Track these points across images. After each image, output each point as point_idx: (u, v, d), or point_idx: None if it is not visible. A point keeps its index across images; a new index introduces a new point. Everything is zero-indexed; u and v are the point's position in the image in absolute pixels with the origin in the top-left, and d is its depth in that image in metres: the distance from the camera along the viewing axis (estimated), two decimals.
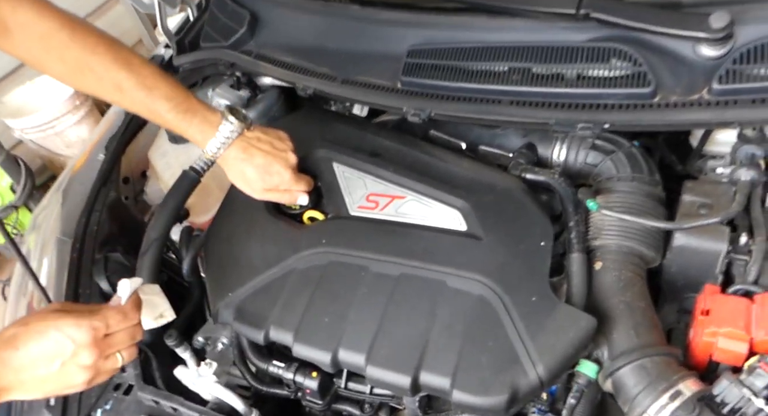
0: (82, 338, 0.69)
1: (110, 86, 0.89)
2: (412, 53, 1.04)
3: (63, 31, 0.85)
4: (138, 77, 0.89)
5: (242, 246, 1.02)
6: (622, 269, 0.80)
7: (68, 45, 0.86)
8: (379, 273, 0.88)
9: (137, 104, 0.91)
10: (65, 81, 0.92)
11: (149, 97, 0.90)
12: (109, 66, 0.88)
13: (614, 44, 0.87)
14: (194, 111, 0.93)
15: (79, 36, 0.87)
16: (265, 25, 1.31)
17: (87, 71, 0.88)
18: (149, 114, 0.93)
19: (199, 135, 0.94)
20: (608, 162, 0.91)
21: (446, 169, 0.97)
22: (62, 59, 0.87)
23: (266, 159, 0.95)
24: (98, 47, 0.88)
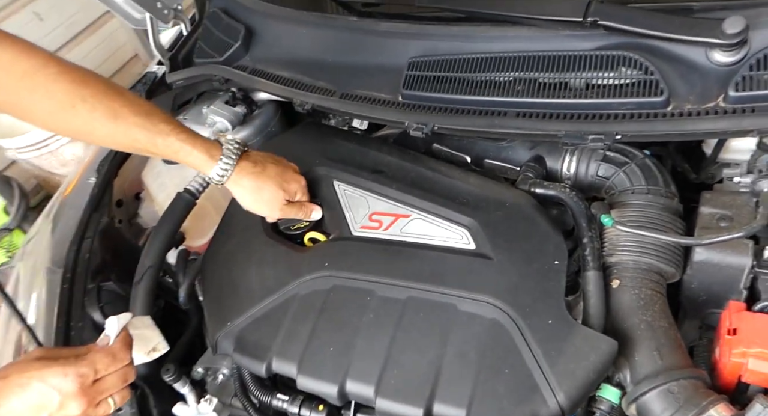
0: (68, 387, 0.65)
1: (105, 116, 0.83)
2: (413, 65, 1.01)
3: (49, 67, 0.79)
4: (133, 104, 0.84)
5: (241, 272, 0.97)
6: (641, 286, 0.76)
7: (56, 79, 0.79)
8: (386, 297, 0.84)
9: (135, 130, 0.85)
10: (51, 121, 0.84)
11: (149, 121, 0.85)
12: (103, 95, 0.82)
13: (623, 52, 0.83)
14: (194, 137, 0.89)
15: (66, 70, 0.80)
16: (260, 40, 1.27)
17: (78, 103, 0.81)
18: (148, 141, 0.86)
19: (202, 160, 0.89)
20: (621, 175, 0.87)
21: (452, 185, 0.93)
22: (50, 95, 0.80)
23: (278, 168, 0.94)
24: (88, 79, 0.82)
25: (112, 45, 4.04)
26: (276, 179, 0.92)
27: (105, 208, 1.19)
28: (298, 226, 0.99)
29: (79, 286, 1.06)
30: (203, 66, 1.29)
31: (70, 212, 1.17)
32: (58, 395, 0.64)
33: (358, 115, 1.03)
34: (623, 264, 0.79)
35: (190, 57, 1.38)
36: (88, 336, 1.03)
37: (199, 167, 0.89)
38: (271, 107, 1.35)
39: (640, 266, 0.78)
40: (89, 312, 1.05)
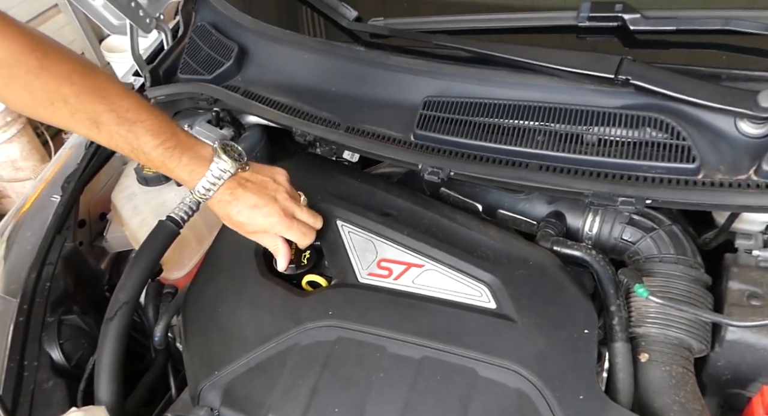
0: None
1: (85, 121, 0.76)
2: (429, 105, 0.96)
3: (31, 57, 0.71)
4: (119, 110, 0.76)
5: (231, 314, 0.89)
6: (671, 363, 0.73)
7: (38, 73, 0.71)
8: (398, 355, 0.78)
9: (117, 140, 0.78)
10: (28, 113, 0.77)
11: (131, 133, 0.77)
12: (85, 98, 0.75)
13: (652, 113, 0.82)
14: (183, 148, 0.81)
15: (50, 62, 0.72)
16: (255, 60, 1.20)
17: (59, 103, 0.74)
18: (131, 151, 0.80)
19: (187, 175, 0.82)
20: (648, 240, 0.85)
21: (469, 236, 0.88)
22: (29, 89, 0.72)
23: (253, 200, 0.84)
24: (73, 75, 0.74)
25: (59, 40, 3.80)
26: (242, 213, 0.84)
27: (69, 230, 1.06)
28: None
29: (37, 319, 0.94)
30: (190, 83, 1.20)
31: (28, 234, 1.04)
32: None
33: (368, 152, 0.97)
34: (652, 337, 0.77)
35: (171, 71, 1.28)
36: (45, 376, 0.91)
37: (184, 182, 0.83)
38: (258, 131, 1.27)
39: (671, 341, 0.76)
40: (47, 349, 0.92)
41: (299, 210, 0.88)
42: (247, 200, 0.84)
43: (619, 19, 0.89)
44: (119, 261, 1.23)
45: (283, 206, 0.85)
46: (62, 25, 3.78)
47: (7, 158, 2.82)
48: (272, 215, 0.84)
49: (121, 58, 3.53)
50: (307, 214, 0.89)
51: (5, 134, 2.77)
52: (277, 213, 0.84)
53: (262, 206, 0.84)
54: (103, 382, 0.84)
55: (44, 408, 0.85)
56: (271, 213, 0.84)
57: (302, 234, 0.87)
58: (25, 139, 2.90)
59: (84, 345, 0.96)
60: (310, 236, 0.88)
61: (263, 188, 0.85)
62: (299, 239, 0.87)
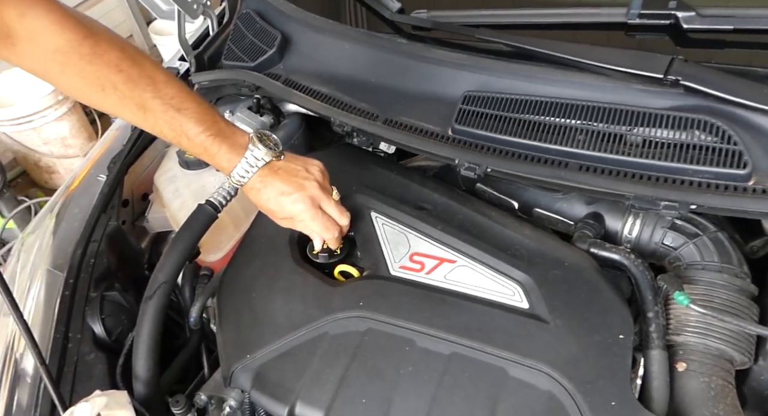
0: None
1: (132, 107, 0.79)
2: (468, 99, 0.95)
3: (84, 45, 0.74)
4: (165, 97, 0.79)
5: (264, 299, 0.90)
6: (711, 375, 0.71)
7: (91, 60, 0.75)
8: (427, 350, 0.78)
9: (161, 126, 0.81)
10: (81, 98, 0.81)
11: (176, 120, 0.80)
12: (133, 84, 0.78)
13: (702, 116, 0.80)
14: (224, 135, 0.83)
15: (102, 49, 0.76)
16: (296, 49, 1.21)
17: (109, 89, 0.77)
18: (174, 138, 0.82)
19: (225, 162, 0.84)
20: (691, 247, 0.82)
21: (504, 234, 0.87)
22: (82, 75, 0.76)
23: (282, 187, 0.85)
24: (123, 62, 0.77)
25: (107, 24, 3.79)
26: (272, 200, 0.86)
27: (114, 210, 1.10)
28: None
29: (82, 293, 0.97)
30: (233, 70, 1.22)
31: (75, 211, 1.08)
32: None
33: (405, 145, 0.97)
34: (691, 347, 0.74)
35: (216, 57, 1.30)
36: (87, 349, 0.94)
37: (222, 168, 0.85)
38: (297, 119, 1.28)
39: (711, 352, 0.73)
40: (90, 324, 0.96)
41: (327, 202, 0.88)
42: (277, 187, 0.85)
43: (672, 16, 0.86)
44: (159, 241, 1.27)
45: (311, 195, 0.86)
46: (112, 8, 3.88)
47: (58, 135, 2.92)
48: (299, 202, 0.85)
49: (168, 41, 3.60)
50: (334, 207, 0.88)
51: (56, 112, 2.87)
52: (303, 201, 0.85)
53: (290, 193, 0.85)
54: (140, 358, 0.88)
55: (86, 379, 0.89)
56: (298, 200, 0.85)
57: (325, 227, 0.87)
58: (75, 117, 3.00)
59: (124, 321, 0.99)
60: (332, 231, 0.88)
61: (294, 176, 0.86)
62: (322, 231, 0.87)
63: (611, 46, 0.93)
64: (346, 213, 0.90)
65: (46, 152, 2.97)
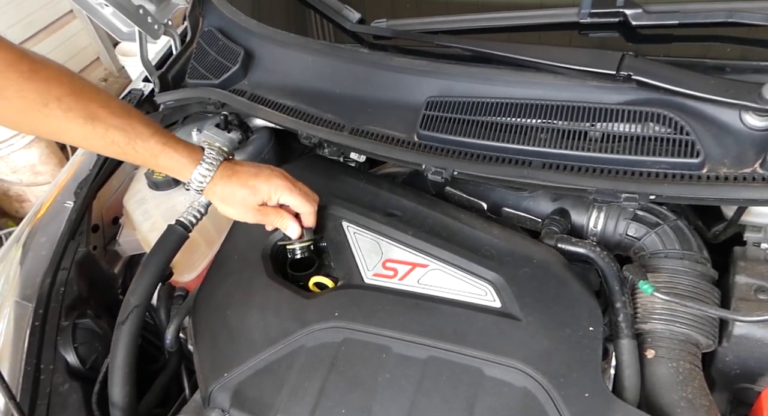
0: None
1: (79, 119, 0.75)
2: (431, 105, 0.97)
3: (22, 63, 0.71)
4: (111, 105, 0.78)
5: (239, 316, 0.90)
6: (678, 359, 0.73)
7: (30, 76, 0.72)
8: (404, 356, 0.78)
9: (113, 134, 0.78)
10: (23, 121, 0.76)
11: (128, 124, 0.78)
12: (79, 95, 0.75)
13: (655, 109, 0.82)
14: (176, 141, 0.83)
15: (39, 66, 0.73)
16: (260, 64, 1.21)
17: (53, 103, 0.73)
18: (127, 143, 0.79)
19: (182, 166, 0.83)
20: (653, 236, 0.84)
21: (473, 235, 0.88)
22: (22, 94, 0.72)
23: (253, 170, 0.87)
24: (62, 77, 0.75)
25: (73, 47, 3.87)
26: (246, 185, 0.86)
27: (83, 235, 1.09)
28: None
29: (52, 323, 0.96)
30: (197, 88, 1.22)
31: (43, 240, 1.06)
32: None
33: (372, 153, 0.98)
34: (658, 333, 0.76)
35: (180, 76, 1.30)
36: (60, 380, 0.93)
37: (179, 171, 0.84)
38: (265, 134, 1.28)
39: (677, 337, 0.75)
40: (63, 353, 0.95)
41: (296, 181, 0.91)
42: (247, 172, 0.86)
43: (621, 14, 0.88)
44: (132, 265, 1.26)
45: (282, 172, 0.88)
46: (78, 31, 3.85)
47: (27, 163, 2.88)
48: (273, 178, 0.87)
49: (136, 62, 3.57)
50: (304, 185, 0.92)
51: (24, 139, 2.83)
52: (278, 176, 0.88)
53: (263, 173, 0.87)
54: (116, 385, 0.86)
55: (60, 410, 0.88)
56: (272, 176, 0.87)
57: (306, 194, 0.90)
58: (44, 144, 2.95)
59: (98, 348, 0.98)
60: (312, 201, 0.91)
61: (258, 167, 0.89)
62: (303, 202, 0.89)
63: (566, 45, 0.96)
64: (313, 193, 0.93)
65: (15, 180, 2.92)
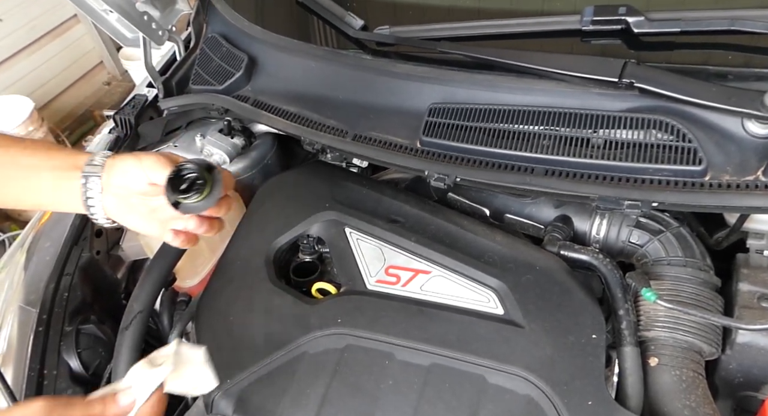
0: None
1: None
2: (433, 111, 0.97)
3: None
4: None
5: (241, 322, 0.90)
6: (682, 367, 0.73)
7: None
8: (407, 362, 0.78)
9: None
10: None
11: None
12: None
13: (657, 116, 0.82)
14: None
15: None
16: (263, 70, 1.22)
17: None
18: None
19: (74, 158, 0.74)
20: (655, 243, 0.84)
21: (476, 242, 0.88)
22: None
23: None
24: None
25: (77, 51, 3.90)
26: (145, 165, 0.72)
27: (86, 241, 1.09)
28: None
29: (56, 328, 0.96)
30: (201, 93, 1.23)
31: (47, 245, 1.07)
32: None
33: (375, 159, 0.98)
34: (661, 341, 0.76)
35: (184, 82, 1.31)
36: (64, 385, 0.93)
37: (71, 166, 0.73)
38: (269, 140, 1.29)
39: (680, 345, 0.75)
40: (66, 359, 0.95)
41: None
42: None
43: (623, 22, 0.88)
44: (135, 270, 1.26)
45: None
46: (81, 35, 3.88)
47: None
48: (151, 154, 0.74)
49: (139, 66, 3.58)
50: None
51: None
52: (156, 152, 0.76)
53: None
54: None
55: None
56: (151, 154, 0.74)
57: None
58: None
59: (101, 354, 0.98)
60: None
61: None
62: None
63: (568, 53, 0.96)
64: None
65: None
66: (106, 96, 4.08)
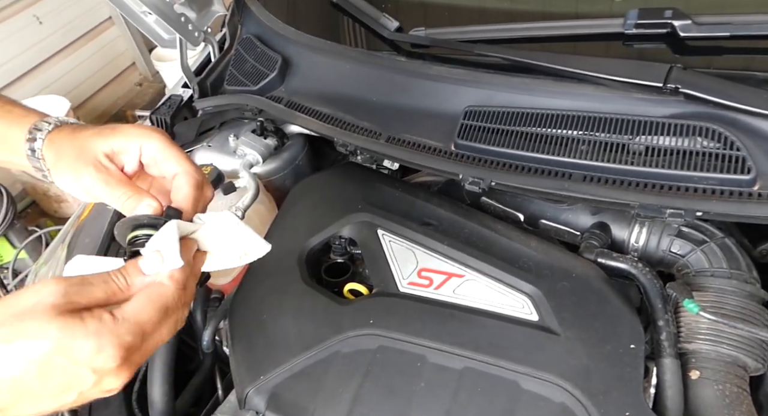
0: (105, 364, 0.49)
1: None
2: (470, 114, 0.96)
3: None
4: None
5: (275, 320, 0.90)
6: (725, 382, 0.71)
7: None
8: (439, 365, 0.78)
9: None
10: None
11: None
12: None
13: (703, 123, 0.80)
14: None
15: None
16: (297, 71, 1.23)
17: None
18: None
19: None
20: (698, 254, 0.82)
21: (510, 247, 0.87)
22: None
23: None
24: None
25: (111, 52, 4.00)
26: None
27: None
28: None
29: None
30: (235, 94, 1.24)
31: (87, 241, 1.09)
32: (92, 374, 0.49)
33: (409, 161, 0.98)
34: (703, 354, 0.74)
35: (218, 83, 1.32)
36: None
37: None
38: (300, 140, 1.29)
39: (724, 359, 0.73)
40: None
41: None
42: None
43: (669, 25, 0.87)
44: None
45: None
46: (115, 37, 3.97)
47: None
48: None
49: (170, 67, 3.66)
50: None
51: None
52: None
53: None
54: (155, 384, 0.88)
55: (103, 407, 0.89)
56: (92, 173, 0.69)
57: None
58: None
59: None
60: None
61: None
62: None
63: (609, 56, 0.94)
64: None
65: (53, 180, 3.00)
66: (137, 97, 4.17)
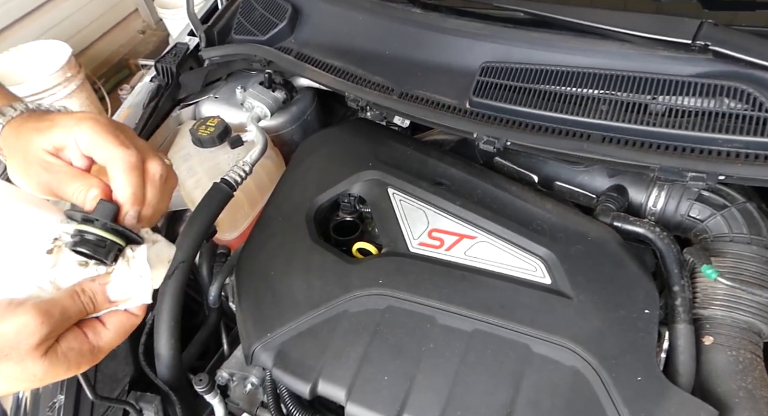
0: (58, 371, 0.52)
1: None
2: (486, 71, 0.93)
3: None
4: None
5: (282, 277, 0.90)
6: (739, 348, 0.70)
7: None
8: (449, 327, 0.77)
9: None
10: None
11: None
12: None
13: (732, 82, 0.77)
14: None
15: None
16: (307, 21, 1.18)
17: None
18: None
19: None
20: (718, 218, 0.80)
21: (525, 208, 0.86)
22: None
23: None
24: None
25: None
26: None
27: None
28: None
29: None
30: (243, 44, 1.20)
31: None
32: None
33: (421, 119, 0.95)
34: (718, 320, 0.73)
35: (226, 32, 1.28)
36: None
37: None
38: (309, 95, 1.26)
39: (739, 325, 0.72)
40: None
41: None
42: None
43: None
44: (174, 220, 1.27)
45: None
46: None
47: None
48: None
49: (174, 15, 3.56)
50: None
51: (66, 89, 2.86)
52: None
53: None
54: (162, 337, 0.88)
55: (110, 359, 0.90)
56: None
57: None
58: (84, 95, 2.99)
59: None
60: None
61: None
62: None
63: (635, 11, 0.90)
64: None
65: None
66: (140, 45, 4.07)
